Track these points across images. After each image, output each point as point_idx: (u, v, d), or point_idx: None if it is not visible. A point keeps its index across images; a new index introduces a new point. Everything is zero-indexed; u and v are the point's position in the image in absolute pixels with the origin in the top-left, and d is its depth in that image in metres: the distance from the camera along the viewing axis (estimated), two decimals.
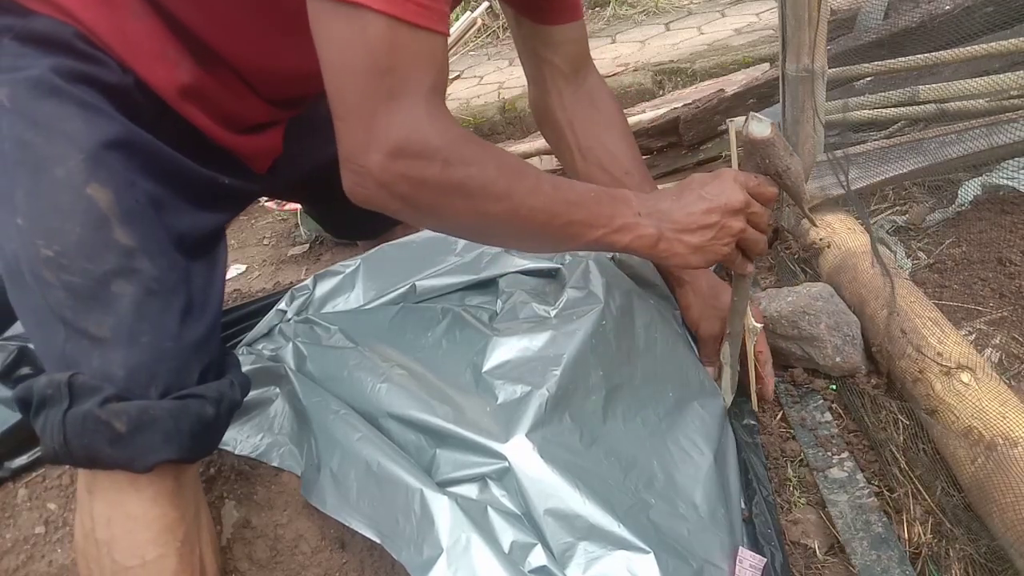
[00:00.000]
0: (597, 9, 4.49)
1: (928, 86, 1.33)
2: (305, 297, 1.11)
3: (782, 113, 1.26)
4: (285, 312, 1.10)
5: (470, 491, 0.74)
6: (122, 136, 0.75)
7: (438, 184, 0.64)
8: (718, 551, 0.75)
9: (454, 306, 1.00)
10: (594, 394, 0.84)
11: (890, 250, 1.24)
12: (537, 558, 0.68)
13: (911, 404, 0.92)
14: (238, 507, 0.90)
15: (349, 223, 1.39)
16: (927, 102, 1.33)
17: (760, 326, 0.94)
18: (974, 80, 1.29)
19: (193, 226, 0.82)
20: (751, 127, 0.75)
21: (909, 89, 1.34)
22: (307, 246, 2.27)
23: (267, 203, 2.37)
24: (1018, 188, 1.29)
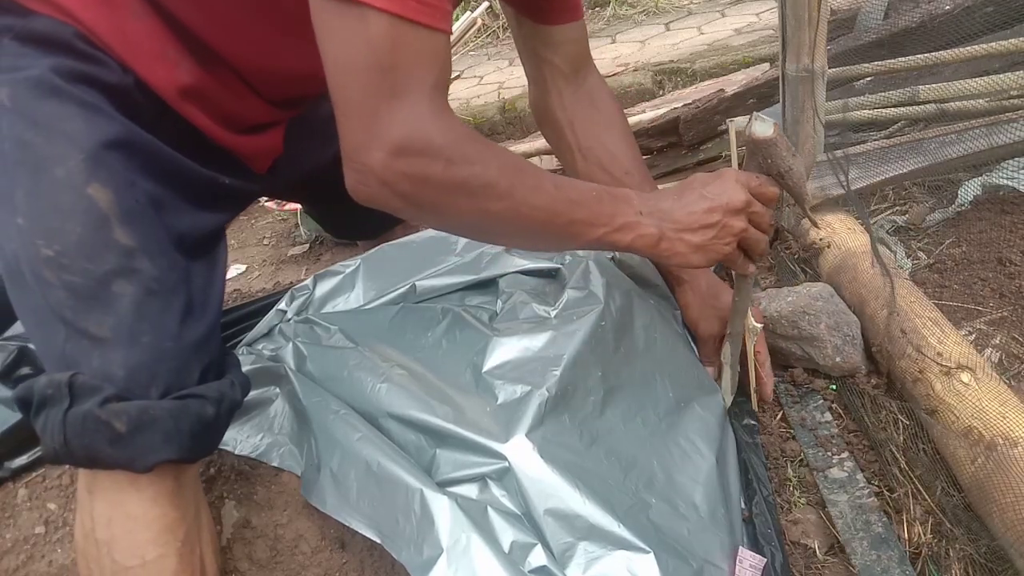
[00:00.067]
0: (597, 9, 4.49)
1: (928, 86, 1.33)
2: (305, 297, 1.11)
3: (782, 113, 1.26)
4: (285, 312, 1.10)
5: (470, 491, 0.74)
6: (122, 136, 0.76)
7: (440, 182, 0.64)
8: (718, 551, 0.75)
9: (454, 306, 1.00)
10: (594, 394, 0.84)
11: (890, 250, 1.24)
12: (537, 558, 0.68)
13: (911, 404, 0.92)
14: (238, 507, 0.90)
15: (349, 223, 1.39)
16: (927, 102, 1.33)
17: (760, 326, 0.94)
18: (974, 80, 1.29)
19: (193, 226, 0.82)
20: (754, 127, 0.75)
21: (909, 89, 1.34)
22: (307, 246, 2.27)
23: (267, 203, 2.36)
24: (1018, 188, 1.29)
